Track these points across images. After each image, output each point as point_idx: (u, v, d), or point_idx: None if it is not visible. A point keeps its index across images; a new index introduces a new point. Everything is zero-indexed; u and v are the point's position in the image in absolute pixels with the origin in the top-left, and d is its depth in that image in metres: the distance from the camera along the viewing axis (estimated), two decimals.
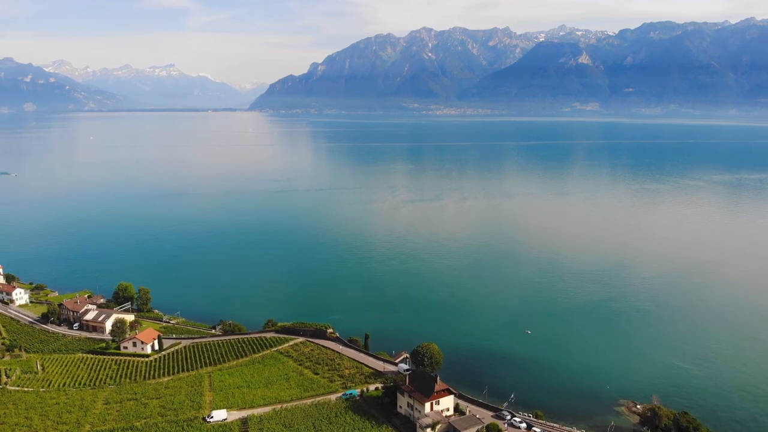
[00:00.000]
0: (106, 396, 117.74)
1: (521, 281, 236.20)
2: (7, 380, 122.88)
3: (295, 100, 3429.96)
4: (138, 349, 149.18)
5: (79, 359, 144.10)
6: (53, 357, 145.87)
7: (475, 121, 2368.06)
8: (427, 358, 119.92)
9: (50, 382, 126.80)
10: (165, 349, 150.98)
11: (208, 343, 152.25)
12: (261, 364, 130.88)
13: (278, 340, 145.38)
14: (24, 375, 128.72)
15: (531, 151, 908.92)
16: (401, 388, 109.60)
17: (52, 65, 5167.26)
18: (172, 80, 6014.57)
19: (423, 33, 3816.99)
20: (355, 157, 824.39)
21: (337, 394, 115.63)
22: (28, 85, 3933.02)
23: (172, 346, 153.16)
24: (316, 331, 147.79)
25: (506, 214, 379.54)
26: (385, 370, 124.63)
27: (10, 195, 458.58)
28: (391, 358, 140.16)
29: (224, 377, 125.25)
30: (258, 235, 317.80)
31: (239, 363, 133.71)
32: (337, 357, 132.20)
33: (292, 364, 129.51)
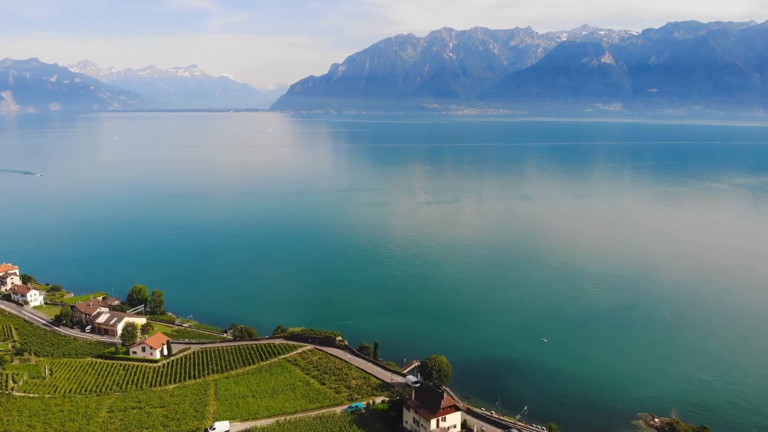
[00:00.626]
0: (110, 404, 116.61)
1: (538, 287, 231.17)
2: (14, 385, 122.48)
3: (315, 100, 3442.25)
4: (147, 354, 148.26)
5: (87, 364, 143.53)
6: (62, 361, 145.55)
7: (495, 121, 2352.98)
8: (435, 371, 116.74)
9: (56, 387, 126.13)
10: (174, 355, 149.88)
11: (217, 348, 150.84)
12: (268, 373, 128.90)
13: (287, 348, 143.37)
14: (31, 380, 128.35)
15: (552, 153, 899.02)
16: (407, 403, 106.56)
17: (77, 65, 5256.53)
18: (194, 81, 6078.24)
19: (444, 33, 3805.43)
20: (373, 158, 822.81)
21: (343, 406, 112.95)
22: (54, 85, 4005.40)
23: (182, 351, 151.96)
24: (325, 338, 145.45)
25: (524, 217, 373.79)
26: (392, 381, 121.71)
27: (34, 195, 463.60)
28: (400, 369, 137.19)
29: (230, 386, 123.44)
30: (273, 237, 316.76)
31: (246, 371, 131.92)
32: (344, 366, 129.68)
33: (299, 373, 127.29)
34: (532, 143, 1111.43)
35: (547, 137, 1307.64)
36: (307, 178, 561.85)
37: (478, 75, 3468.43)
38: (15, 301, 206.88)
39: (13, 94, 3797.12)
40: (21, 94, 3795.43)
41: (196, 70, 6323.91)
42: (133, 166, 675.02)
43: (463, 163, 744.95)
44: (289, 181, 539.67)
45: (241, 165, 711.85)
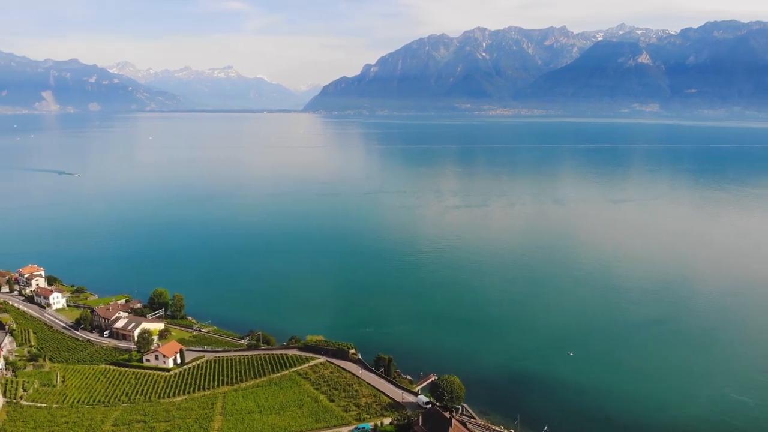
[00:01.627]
0: (116, 416, 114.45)
1: (567, 297, 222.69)
2: (23, 394, 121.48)
3: (347, 101, 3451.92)
4: (160, 363, 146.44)
5: (100, 371, 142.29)
6: (76, 368, 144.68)
7: (529, 121, 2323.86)
8: (446, 393, 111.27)
9: (66, 396, 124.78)
10: (187, 363, 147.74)
11: (230, 358, 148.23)
12: (277, 386, 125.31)
13: (299, 359, 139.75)
14: (42, 388, 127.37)
15: (586, 155, 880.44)
16: (414, 429, 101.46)
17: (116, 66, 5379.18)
18: (229, 82, 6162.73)
19: (477, 33, 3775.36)
20: (402, 160, 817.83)
21: (350, 426, 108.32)
22: (93, 86, 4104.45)
23: (195, 359, 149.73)
24: (338, 351, 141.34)
25: (555, 222, 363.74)
26: (403, 400, 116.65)
27: (69, 196, 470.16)
28: (412, 387, 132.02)
29: (238, 399, 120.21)
30: (298, 241, 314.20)
31: (256, 384, 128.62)
32: (355, 382, 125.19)
33: (309, 387, 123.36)
34: (567, 145, 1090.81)
35: (581, 138, 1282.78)
36: (335, 179, 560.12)
37: (512, 75, 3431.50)
38: (38, 303, 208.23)
39: (54, 94, 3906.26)
40: (61, 94, 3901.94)
41: (231, 71, 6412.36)
42: (166, 167, 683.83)
43: (494, 165, 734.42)
44: (317, 182, 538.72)
45: (271, 166, 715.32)
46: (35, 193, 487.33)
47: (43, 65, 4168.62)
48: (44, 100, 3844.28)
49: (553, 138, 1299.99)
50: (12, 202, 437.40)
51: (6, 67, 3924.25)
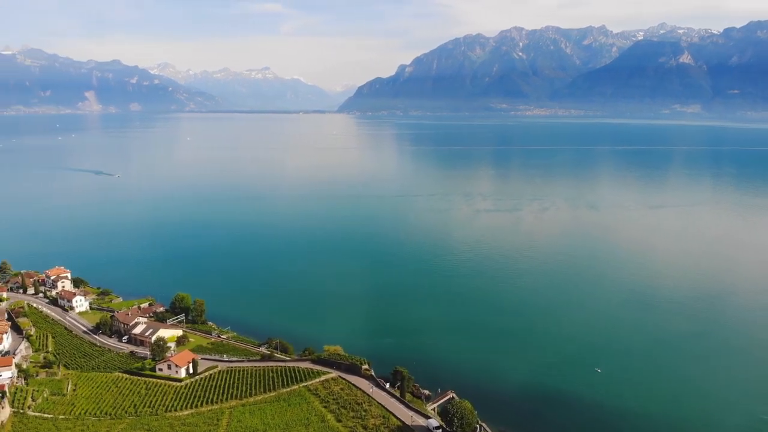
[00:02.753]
0: (121, 429, 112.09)
1: (597, 308, 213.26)
2: (32, 403, 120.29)
3: (381, 101, 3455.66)
4: (172, 372, 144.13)
5: (112, 380, 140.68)
6: (89, 376, 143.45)
7: (566, 122, 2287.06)
8: (457, 419, 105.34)
9: (74, 407, 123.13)
10: (200, 373, 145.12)
11: (243, 369, 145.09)
12: (286, 402, 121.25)
13: (310, 373, 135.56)
14: (51, 397, 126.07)
15: (624, 157, 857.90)
16: None
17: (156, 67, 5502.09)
18: (267, 83, 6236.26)
19: (514, 32, 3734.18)
20: (433, 161, 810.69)
21: None
22: (134, 87, 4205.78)
23: (208, 369, 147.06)
24: (351, 366, 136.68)
25: (588, 228, 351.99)
26: (413, 423, 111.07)
27: (107, 196, 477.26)
28: (425, 407, 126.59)
29: (244, 416, 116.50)
30: (322, 244, 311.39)
31: (264, 399, 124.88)
32: (365, 401, 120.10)
33: (317, 405, 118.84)
34: (604, 147, 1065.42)
35: (620, 140, 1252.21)
36: (364, 181, 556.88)
37: (549, 75, 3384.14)
38: (61, 306, 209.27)
39: (96, 94, 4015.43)
40: (103, 94, 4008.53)
41: (268, 72, 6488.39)
42: (201, 168, 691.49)
43: (528, 168, 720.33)
44: (345, 184, 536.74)
45: (301, 167, 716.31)
46: (74, 193, 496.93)
47: (86, 66, 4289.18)
48: (87, 100, 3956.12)
49: (591, 139, 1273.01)
50: (49, 202, 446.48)
51: (50, 68, 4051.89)
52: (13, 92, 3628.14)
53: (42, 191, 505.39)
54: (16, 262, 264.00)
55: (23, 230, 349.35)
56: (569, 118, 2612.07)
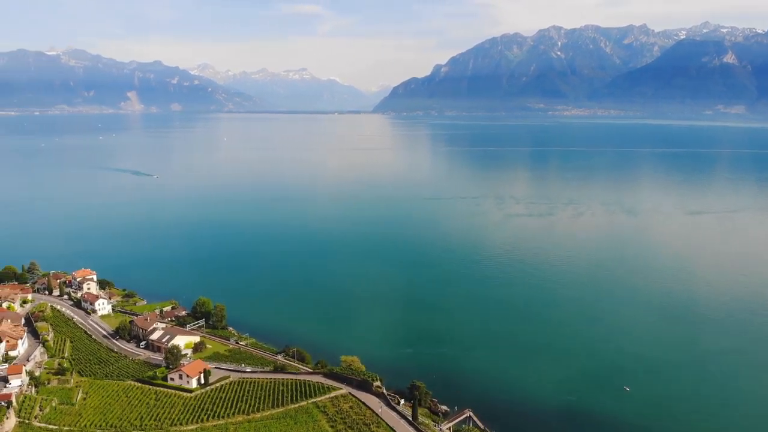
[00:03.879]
0: None
1: (627, 322, 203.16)
2: (39, 413, 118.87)
3: (416, 102, 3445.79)
4: (183, 383, 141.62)
5: (123, 389, 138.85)
6: (101, 384, 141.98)
7: (605, 123, 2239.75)
8: None
9: (80, 418, 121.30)
10: (211, 384, 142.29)
11: (255, 381, 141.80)
12: (292, 420, 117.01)
13: (321, 389, 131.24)
14: (60, 406, 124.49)
15: (665, 160, 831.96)
16: None
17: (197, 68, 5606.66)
18: (304, 83, 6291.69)
19: (552, 31, 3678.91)
20: (466, 163, 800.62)
21: None
22: (175, 87, 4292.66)
23: (220, 379, 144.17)
24: (362, 382, 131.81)
25: (624, 235, 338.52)
26: None
27: (143, 196, 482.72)
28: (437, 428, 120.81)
29: None
30: (348, 247, 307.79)
31: (271, 414, 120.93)
32: (373, 422, 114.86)
33: (324, 424, 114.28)
34: (644, 149, 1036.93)
35: (660, 142, 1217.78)
36: (395, 183, 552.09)
37: (588, 74, 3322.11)
38: (84, 308, 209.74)
39: (138, 94, 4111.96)
40: (145, 94, 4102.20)
41: (305, 73, 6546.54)
42: (235, 169, 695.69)
43: (564, 170, 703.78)
44: (374, 186, 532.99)
45: (332, 168, 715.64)
46: (111, 193, 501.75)
47: (128, 66, 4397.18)
48: (129, 100, 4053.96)
49: (630, 141, 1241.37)
50: (85, 202, 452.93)
51: (93, 68, 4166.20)
52: (58, 92, 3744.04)
53: (79, 191, 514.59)
54: (46, 262, 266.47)
55: (56, 230, 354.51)
56: (608, 119, 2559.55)
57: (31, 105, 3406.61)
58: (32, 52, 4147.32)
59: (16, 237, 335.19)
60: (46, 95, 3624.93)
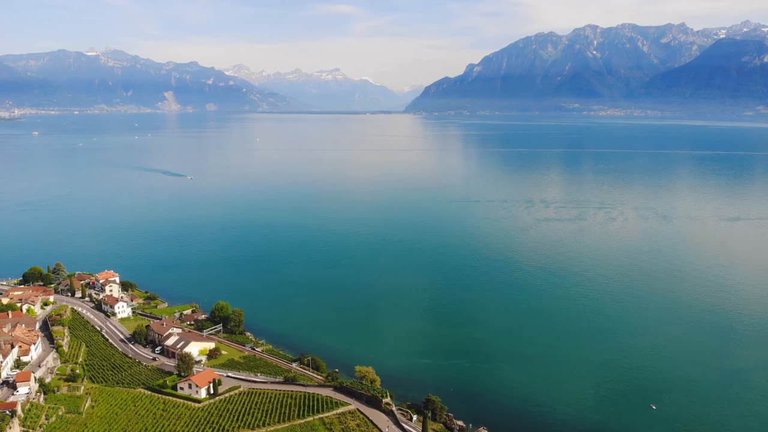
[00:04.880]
0: None
1: (657, 336, 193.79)
2: (44, 422, 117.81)
3: (449, 101, 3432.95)
4: (192, 392, 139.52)
5: (132, 397, 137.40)
6: (111, 391, 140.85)
7: (642, 123, 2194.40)
8: None
9: (85, 428, 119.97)
10: (220, 394, 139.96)
11: (264, 392, 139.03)
12: None
13: (329, 403, 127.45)
14: (66, 415, 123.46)
15: (703, 162, 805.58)
16: None
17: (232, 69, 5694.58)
18: (336, 84, 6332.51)
19: (588, 30, 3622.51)
20: (496, 165, 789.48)
21: None
22: (210, 87, 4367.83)
23: (230, 389, 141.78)
24: (372, 398, 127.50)
25: (657, 242, 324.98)
26: None
27: (175, 198, 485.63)
28: None
29: None
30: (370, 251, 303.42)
31: (277, 429, 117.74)
32: None
33: None
34: (682, 151, 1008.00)
35: (699, 144, 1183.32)
36: (421, 186, 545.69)
37: (625, 74, 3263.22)
38: (104, 311, 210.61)
39: (175, 94, 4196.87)
40: (181, 94, 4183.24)
41: (338, 73, 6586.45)
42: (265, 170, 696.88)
43: (597, 173, 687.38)
44: (401, 188, 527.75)
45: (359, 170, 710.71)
46: (144, 194, 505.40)
47: (165, 67, 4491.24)
48: (166, 100, 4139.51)
49: (668, 142, 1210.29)
50: (116, 203, 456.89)
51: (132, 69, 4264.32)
52: (98, 92, 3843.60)
53: (111, 191, 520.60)
54: (73, 263, 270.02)
55: (84, 230, 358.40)
56: (645, 119, 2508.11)
57: (72, 104, 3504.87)
58: (72, 53, 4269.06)
59: (44, 237, 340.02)
60: (86, 95, 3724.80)
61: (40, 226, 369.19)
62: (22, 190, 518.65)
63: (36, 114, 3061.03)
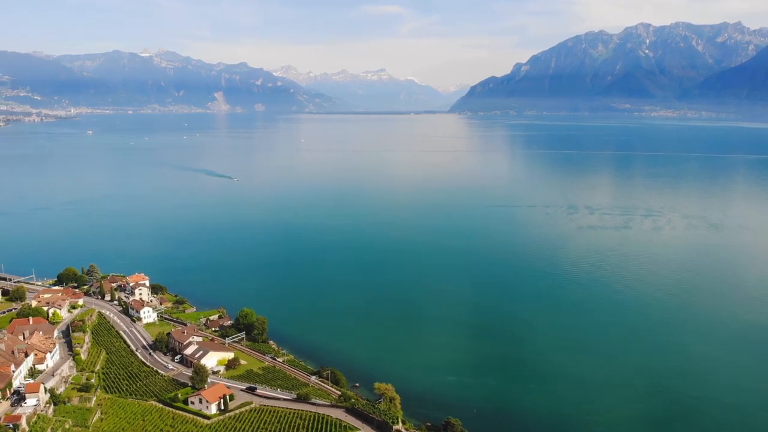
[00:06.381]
0: None
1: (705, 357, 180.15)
2: None
3: (495, 101, 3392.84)
4: (203, 407, 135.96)
5: (143, 411, 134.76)
6: (123, 403, 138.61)
7: (696, 125, 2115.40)
8: None
9: None
10: (231, 410, 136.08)
11: (274, 410, 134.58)
12: None
13: (338, 427, 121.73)
14: (74, 428, 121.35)
15: (759, 167, 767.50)
16: None
17: (280, 70, 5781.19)
18: (381, 84, 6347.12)
19: (640, 29, 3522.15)
20: (540, 167, 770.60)
21: None
22: (259, 88, 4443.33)
23: (241, 405, 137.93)
24: (381, 423, 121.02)
25: (705, 255, 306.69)
26: None
27: (220, 200, 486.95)
28: None
29: None
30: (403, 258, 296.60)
31: None
32: None
33: None
34: (737, 154, 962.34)
35: (756, 147, 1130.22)
36: (460, 189, 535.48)
37: (678, 74, 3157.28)
38: (131, 316, 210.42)
39: (224, 95, 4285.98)
40: (231, 95, 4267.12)
41: (383, 73, 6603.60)
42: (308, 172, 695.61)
43: (646, 177, 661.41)
44: (440, 191, 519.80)
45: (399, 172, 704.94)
46: (189, 195, 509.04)
47: (215, 68, 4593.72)
48: (216, 100, 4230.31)
49: (723, 146, 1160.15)
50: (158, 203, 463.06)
51: (184, 70, 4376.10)
52: (151, 92, 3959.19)
53: (155, 192, 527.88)
54: (108, 264, 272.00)
55: (123, 231, 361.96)
56: (699, 121, 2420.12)
57: (126, 104, 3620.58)
58: (127, 54, 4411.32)
59: (83, 237, 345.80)
60: (139, 95, 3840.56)
61: (80, 226, 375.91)
62: (69, 189, 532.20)
63: (91, 113, 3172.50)
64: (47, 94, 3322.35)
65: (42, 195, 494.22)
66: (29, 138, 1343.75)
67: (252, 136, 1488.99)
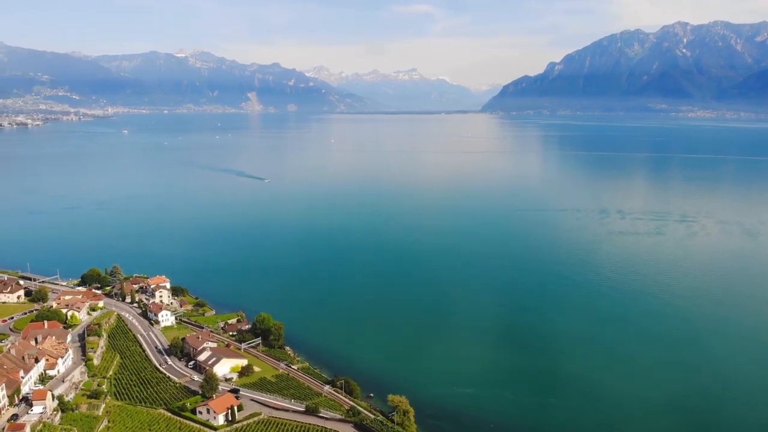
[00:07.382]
0: None
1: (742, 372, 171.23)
2: None
3: (528, 101, 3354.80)
4: (210, 418, 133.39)
5: (150, 419, 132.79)
6: (131, 411, 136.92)
7: (735, 126, 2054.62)
8: None
9: None
10: (238, 421, 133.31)
11: (281, 423, 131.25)
12: None
13: None
14: None
15: None
16: None
17: (312, 70, 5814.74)
18: (413, 84, 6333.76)
19: (677, 27, 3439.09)
20: (572, 170, 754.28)
21: None
22: (291, 89, 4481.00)
23: (249, 417, 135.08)
24: None
25: (740, 263, 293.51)
26: None
27: (250, 201, 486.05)
28: None
29: None
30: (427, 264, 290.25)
31: None
32: None
33: None
34: None
35: None
36: (489, 192, 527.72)
37: (716, 73, 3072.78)
38: (149, 319, 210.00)
39: (258, 95, 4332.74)
40: (264, 95, 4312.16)
41: (415, 73, 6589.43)
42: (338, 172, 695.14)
43: (683, 180, 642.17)
44: (468, 194, 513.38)
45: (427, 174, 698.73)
46: (219, 196, 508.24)
47: (249, 68, 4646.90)
48: (249, 100, 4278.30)
49: (761, 148, 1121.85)
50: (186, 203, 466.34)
51: (218, 70, 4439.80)
52: (186, 92, 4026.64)
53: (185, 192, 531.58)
54: (131, 265, 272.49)
55: (149, 232, 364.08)
56: (738, 122, 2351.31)
57: (161, 104, 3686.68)
58: (162, 54, 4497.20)
59: (109, 237, 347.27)
60: (175, 95, 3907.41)
61: (107, 226, 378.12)
62: (100, 188, 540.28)
63: (128, 113, 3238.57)
64: (85, 94, 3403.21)
65: (74, 194, 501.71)
66: (67, 137, 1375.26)
67: (284, 136, 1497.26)
